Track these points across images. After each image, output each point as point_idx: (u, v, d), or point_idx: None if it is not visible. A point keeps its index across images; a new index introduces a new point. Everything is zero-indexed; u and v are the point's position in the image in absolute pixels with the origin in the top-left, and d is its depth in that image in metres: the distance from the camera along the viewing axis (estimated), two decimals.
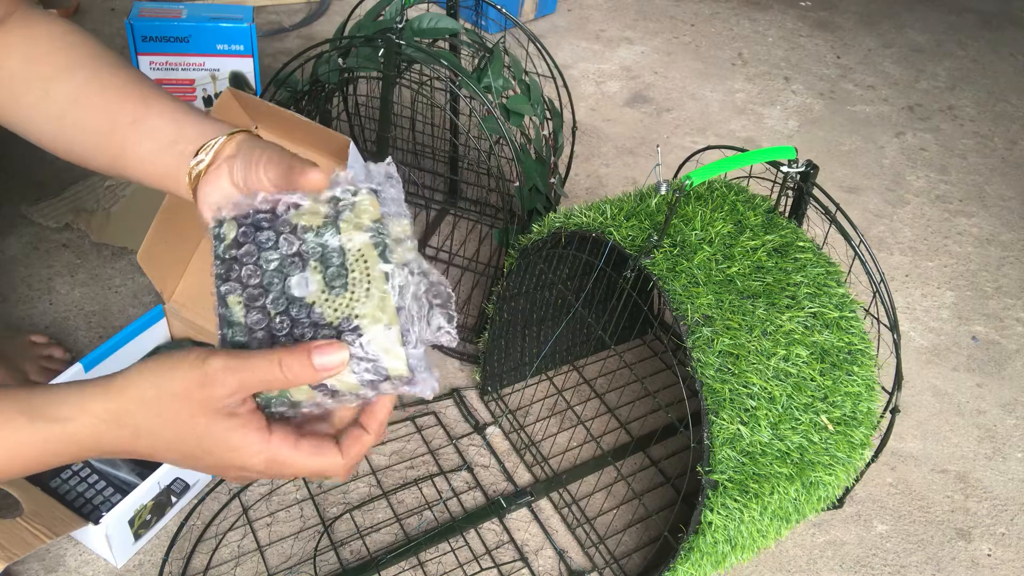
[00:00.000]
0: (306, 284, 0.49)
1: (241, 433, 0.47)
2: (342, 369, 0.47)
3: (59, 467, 0.86)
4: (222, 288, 0.50)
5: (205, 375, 0.45)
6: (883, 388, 0.83)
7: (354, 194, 0.50)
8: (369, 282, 0.48)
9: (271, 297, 0.49)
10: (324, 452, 0.49)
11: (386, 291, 0.48)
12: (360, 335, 0.47)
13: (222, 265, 0.51)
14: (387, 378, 0.48)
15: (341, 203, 0.50)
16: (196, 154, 0.56)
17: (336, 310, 0.48)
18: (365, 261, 0.49)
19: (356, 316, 0.48)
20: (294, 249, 0.50)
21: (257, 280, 0.50)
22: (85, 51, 0.63)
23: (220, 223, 0.52)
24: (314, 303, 0.48)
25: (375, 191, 0.51)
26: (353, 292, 0.48)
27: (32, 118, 0.62)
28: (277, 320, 0.49)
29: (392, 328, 0.47)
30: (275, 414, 0.49)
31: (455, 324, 0.51)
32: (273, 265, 0.50)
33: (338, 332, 0.48)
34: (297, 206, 0.51)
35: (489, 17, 1.18)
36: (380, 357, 0.47)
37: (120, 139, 0.60)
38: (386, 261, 0.49)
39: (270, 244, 0.50)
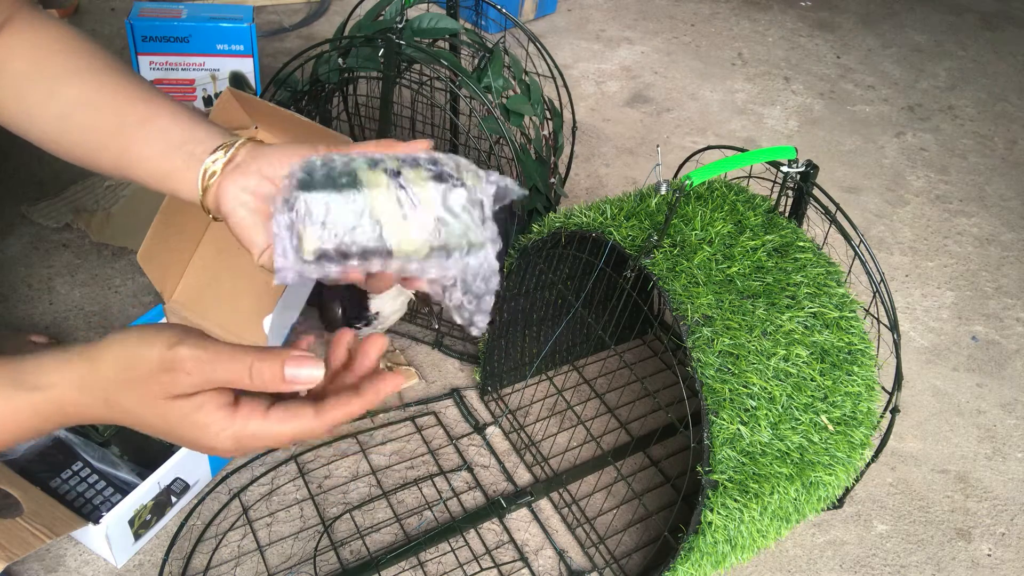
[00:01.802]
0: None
1: (204, 412, 0.47)
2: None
3: (59, 467, 0.86)
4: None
5: (173, 361, 0.45)
6: (883, 388, 0.83)
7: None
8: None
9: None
10: (296, 416, 0.48)
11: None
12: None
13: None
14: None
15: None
16: (212, 152, 0.57)
17: None
18: None
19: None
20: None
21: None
22: (91, 55, 0.64)
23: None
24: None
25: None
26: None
27: (36, 118, 0.63)
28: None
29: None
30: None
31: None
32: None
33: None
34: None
35: (489, 17, 1.18)
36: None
37: (126, 139, 0.60)
38: None
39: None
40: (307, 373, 0.46)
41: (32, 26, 0.64)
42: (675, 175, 0.88)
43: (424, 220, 0.49)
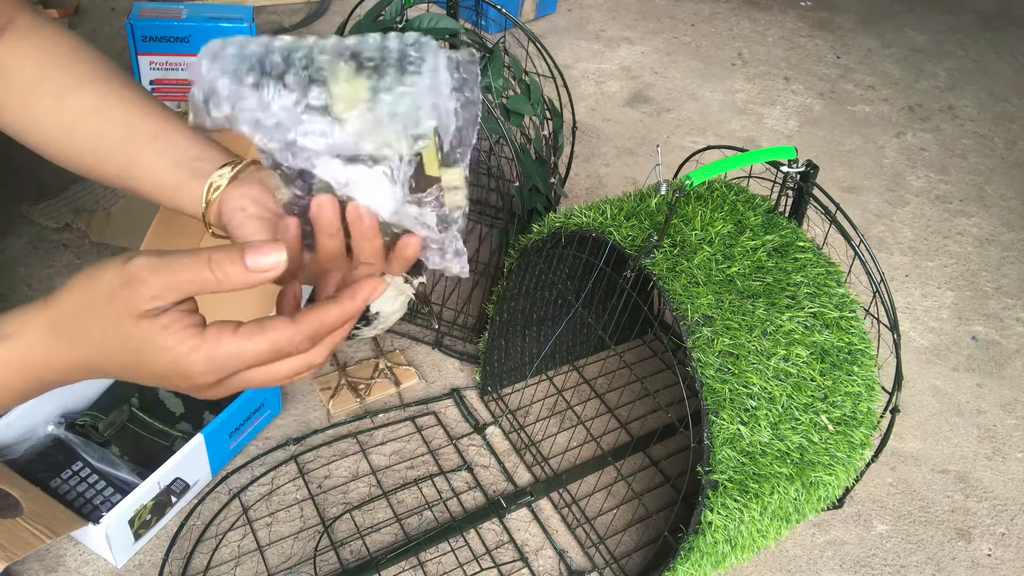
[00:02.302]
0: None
1: (170, 332, 0.44)
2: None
3: (59, 467, 0.86)
4: None
5: (128, 274, 0.43)
6: (883, 388, 0.83)
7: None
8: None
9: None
10: (269, 327, 0.45)
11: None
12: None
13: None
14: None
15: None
16: (220, 167, 0.58)
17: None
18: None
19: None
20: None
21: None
22: (100, 65, 0.65)
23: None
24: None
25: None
26: None
27: (41, 125, 0.63)
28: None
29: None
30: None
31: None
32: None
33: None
34: None
35: (489, 17, 1.18)
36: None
37: (135, 151, 0.61)
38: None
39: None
40: (269, 260, 0.43)
41: (38, 31, 0.64)
42: (675, 175, 0.88)
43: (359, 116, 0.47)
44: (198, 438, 0.87)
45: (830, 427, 0.76)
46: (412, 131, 0.47)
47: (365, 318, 0.95)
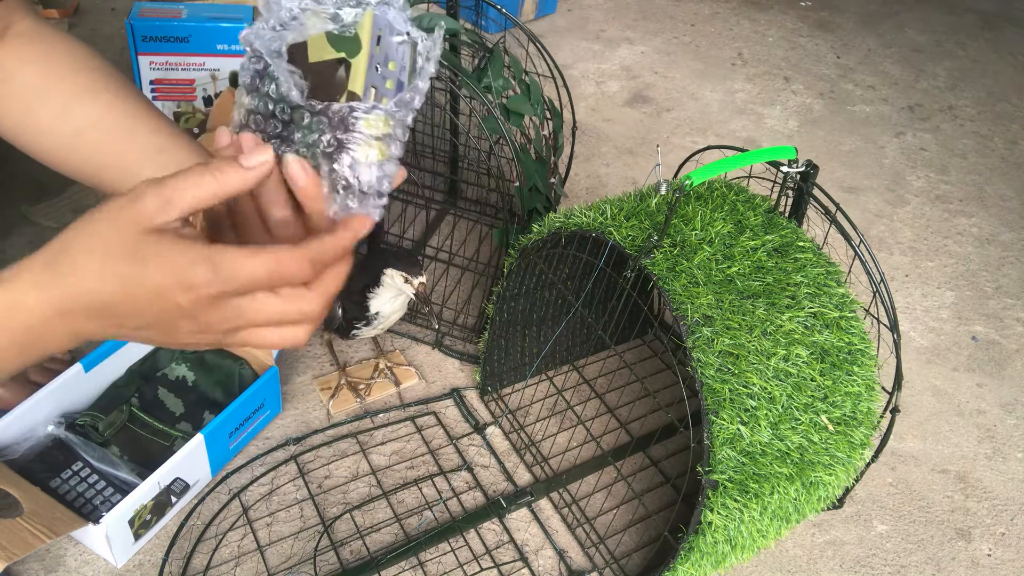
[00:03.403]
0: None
1: (179, 242, 0.43)
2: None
3: (59, 467, 0.86)
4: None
5: (135, 192, 0.43)
6: (883, 388, 0.83)
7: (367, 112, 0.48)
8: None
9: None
10: (272, 248, 0.45)
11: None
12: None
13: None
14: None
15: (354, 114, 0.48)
16: None
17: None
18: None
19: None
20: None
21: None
22: (105, 74, 0.65)
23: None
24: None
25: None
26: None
27: (45, 134, 0.63)
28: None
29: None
30: None
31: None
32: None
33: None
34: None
35: (489, 17, 1.18)
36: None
37: (138, 164, 0.61)
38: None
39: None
40: (261, 157, 0.45)
41: (41, 37, 0.64)
42: (675, 175, 0.88)
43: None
44: (198, 438, 0.87)
45: (830, 427, 0.76)
46: None
47: (365, 318, 0.95)
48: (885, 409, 0.86)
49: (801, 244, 0.84)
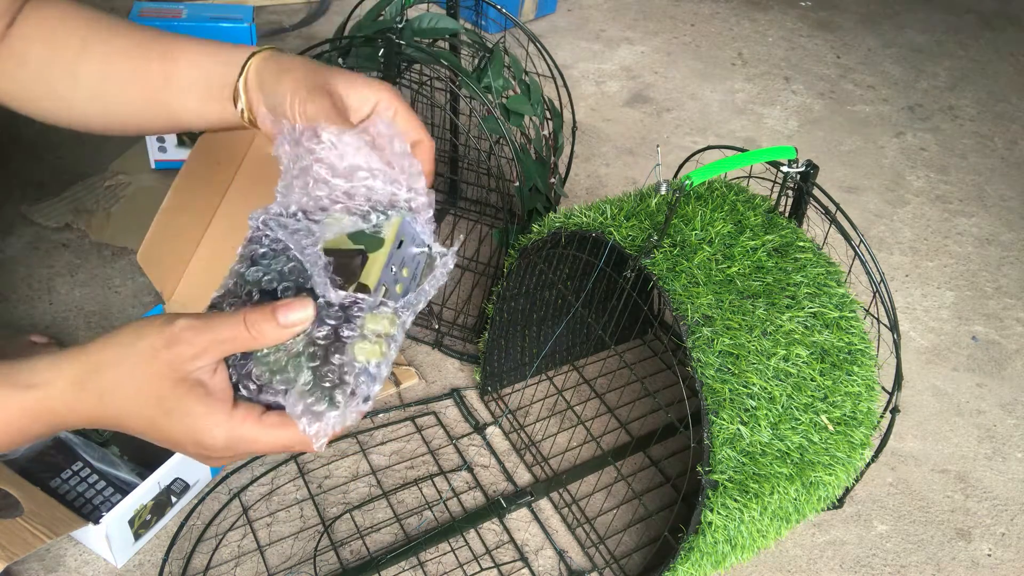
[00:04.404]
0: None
1: (206, 401, 0.46)
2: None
3: (59, 467, 0.86)
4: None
5: (172, 335, 0.45)
6: (883, 388, 0.83)
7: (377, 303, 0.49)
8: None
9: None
10: (289, 425, 0.48)
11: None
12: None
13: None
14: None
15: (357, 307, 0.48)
16: (235, 102, 0.57)
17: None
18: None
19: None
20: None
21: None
22: (91, 23, 0.63)
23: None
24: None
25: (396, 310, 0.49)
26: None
27: (74, 105, 0.62)
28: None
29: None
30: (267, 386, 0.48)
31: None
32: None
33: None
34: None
35: (489, 17, 1.18)
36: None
37: (164, 101, 0.60)
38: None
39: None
40: (299, 315, 0.46)
41: (39, 9, 0.63)
42: (675, 175, 0.88)
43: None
44: None
45: (830, 427, 0.76)
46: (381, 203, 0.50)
47: None
48: (885, 409, 0.86)
49: (801, 244, 0.84)
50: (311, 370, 0.47)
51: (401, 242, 0.51)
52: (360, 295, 0.48)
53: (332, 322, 0.47)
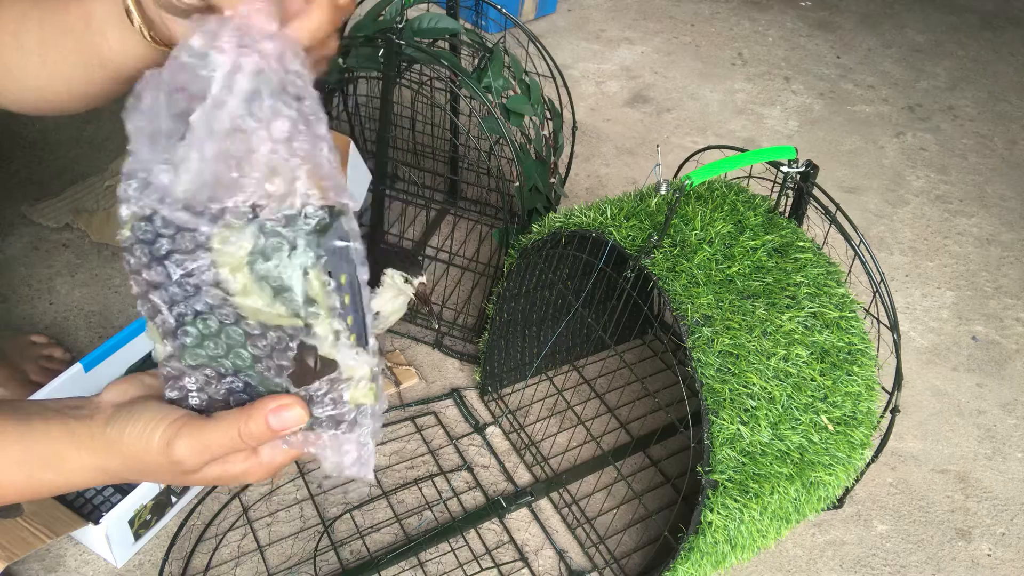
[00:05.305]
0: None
1: (191, 472, 0.50)
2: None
3: None
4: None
5: (173, 461, 0.48)
6: (883, 388, 0.83)
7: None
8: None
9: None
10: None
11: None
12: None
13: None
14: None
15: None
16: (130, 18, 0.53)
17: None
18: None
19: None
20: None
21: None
22: None
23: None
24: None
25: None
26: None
27: (43, 85, 0.59)
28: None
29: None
30: None
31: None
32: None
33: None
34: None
35: (489, 17, 1.18)
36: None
37: (91, 45, 0.56)
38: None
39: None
40: (291, 416, 0.47)
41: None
42: (675, 175, 0.88)
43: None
44: None
45: (830, 427, 0.76)
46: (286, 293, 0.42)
47: None
48: (885, 409, 0.86)
49: (801, 244, 0.84)
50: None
51: (330, 273, 0.44)
52: (331, 376, 0.46)
53: (320, 413, 0.48)
